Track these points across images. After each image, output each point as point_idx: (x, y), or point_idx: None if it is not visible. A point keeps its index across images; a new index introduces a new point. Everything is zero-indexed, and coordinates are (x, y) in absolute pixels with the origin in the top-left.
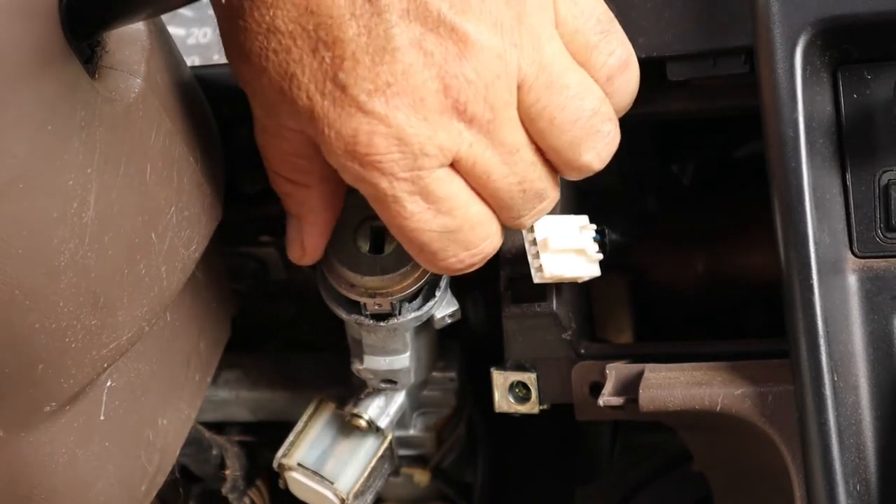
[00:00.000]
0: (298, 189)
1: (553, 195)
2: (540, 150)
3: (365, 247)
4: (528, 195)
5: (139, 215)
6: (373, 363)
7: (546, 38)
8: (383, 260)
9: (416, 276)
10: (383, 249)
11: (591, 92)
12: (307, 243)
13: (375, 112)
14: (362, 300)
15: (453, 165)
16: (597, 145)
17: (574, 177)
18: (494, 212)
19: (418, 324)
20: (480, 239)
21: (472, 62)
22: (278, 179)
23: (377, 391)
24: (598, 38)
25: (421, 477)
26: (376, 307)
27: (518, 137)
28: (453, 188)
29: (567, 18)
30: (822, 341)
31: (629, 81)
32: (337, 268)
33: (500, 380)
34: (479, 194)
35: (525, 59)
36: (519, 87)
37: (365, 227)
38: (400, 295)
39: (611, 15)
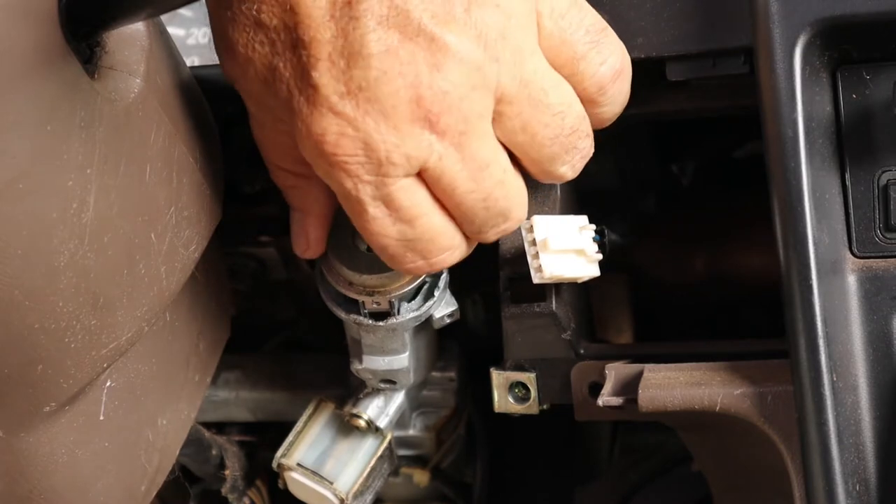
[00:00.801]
0: (300, 180)
1: (518, 215)
2: (512, 167)
3: (363, 245)
4: (492, 212)
5: (139, 216)
6: (372, 363)
7: (528, 53)
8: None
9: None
10: None
11: (573, 109)
12: (311, 235)
13: (345, 114)
14: (361, 298)
15: (420, 174)
16: (573, 159)
17: (546, 182)
18: (458, 224)
19: (417, 324)
20: (440, 250)
21: (449, 74)
22: (279, 173)
23: (376, 391)
24: (586, 49)
25: (420, 477)
26: (375, 305)
27: (489, 153)
28: (416, 198)
29: (553, 32)
30: (821, 341)
31: (622, 91)
32: (336, 266)
33: (500, 380)
34: (442, 205)
35: (506, 74)
36: (499, 101)
37: None
38: (398, 293)
39: (603, 24)
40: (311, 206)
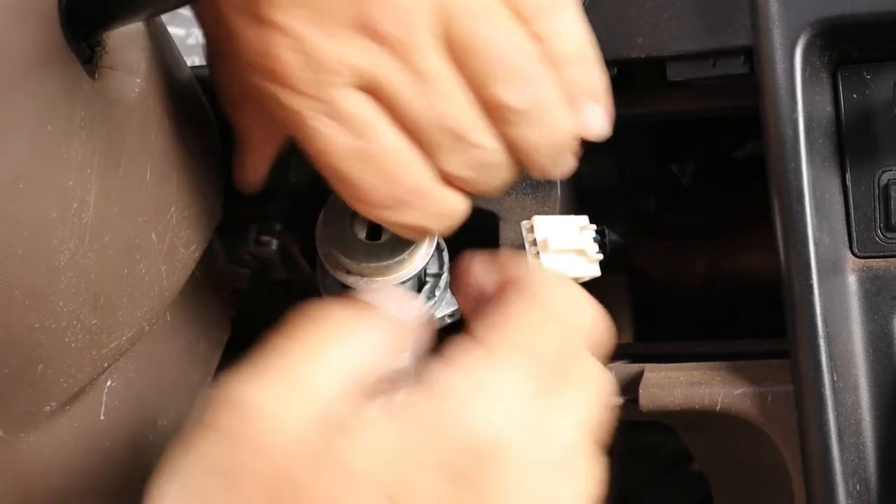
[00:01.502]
0: (244, 111)
1: (477, 139)
2: (464, 87)
3: (362, 234)
4: (448, 130)
5: (139, 215)
6: None
7: None
8: (380, 247)
9: (412, 263)
10: (380, 237)
11: (516, 28)
12: (248, 162)
13: (277, 23)
14: (358, 287)
15: (364, 90)
16: (517, 81)
17: (502, 126)
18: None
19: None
20: (404, 170)
21: None
22: (226, 108)
23: None
24: None
25: None
26: None
27: (434, 65)
28: (361, 108)
29: None
30: (821, 341)
31: (564, 18)
32: (333, 253)
33: None
34: (403, 131)
35: None
36: (444, 18)
37: (361, 215)
38: (395, 282)
39: None
40: (252, 134)
